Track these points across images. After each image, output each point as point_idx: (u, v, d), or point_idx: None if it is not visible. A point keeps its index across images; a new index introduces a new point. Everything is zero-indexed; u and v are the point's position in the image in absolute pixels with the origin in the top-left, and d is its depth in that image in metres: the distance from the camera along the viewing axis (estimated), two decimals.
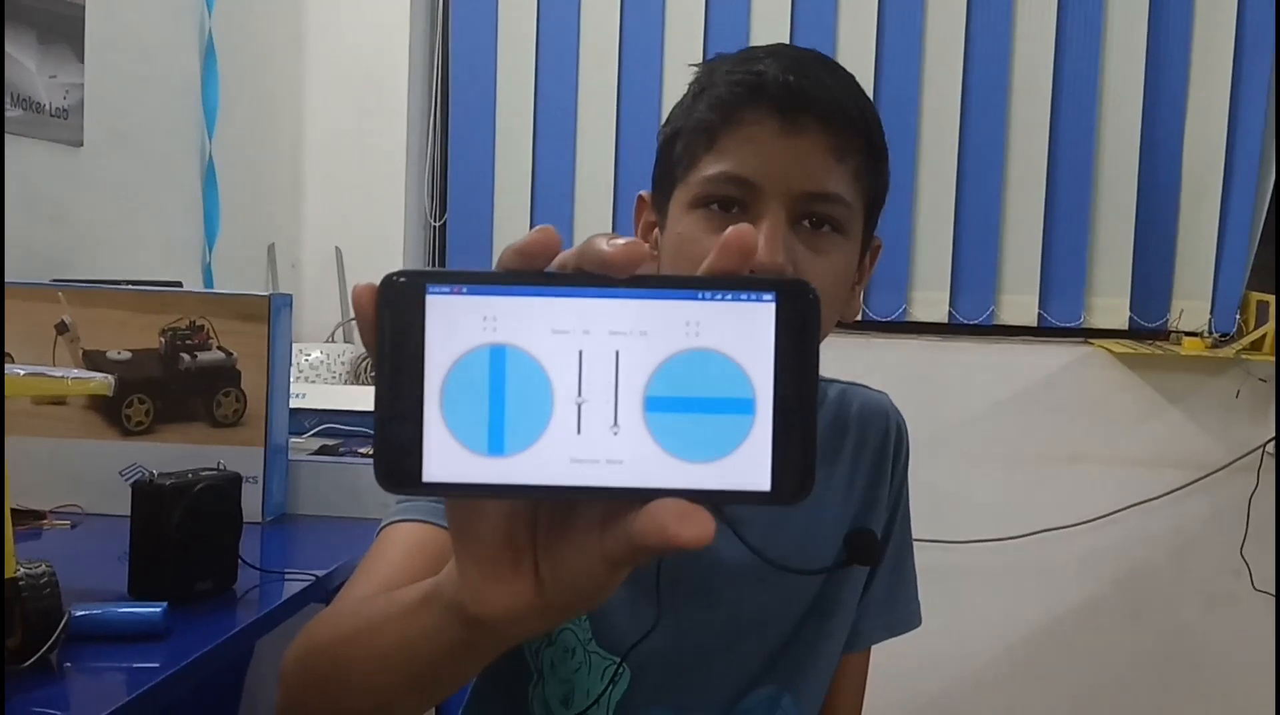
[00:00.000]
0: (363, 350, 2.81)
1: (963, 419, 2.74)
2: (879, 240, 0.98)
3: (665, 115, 0.95)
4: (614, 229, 2.88)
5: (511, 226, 2.93)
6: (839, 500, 1.02)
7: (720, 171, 0.86)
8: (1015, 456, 2.79)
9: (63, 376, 1.15)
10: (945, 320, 2.86)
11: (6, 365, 1.16)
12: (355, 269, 2.87)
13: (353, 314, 2.24)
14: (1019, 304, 2.85)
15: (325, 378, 2.62)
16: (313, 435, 2.12)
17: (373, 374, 0.42)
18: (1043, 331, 2.86)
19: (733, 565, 0.96)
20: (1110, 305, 2.84)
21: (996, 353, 2.82)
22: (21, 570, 0.96)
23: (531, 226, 2.96)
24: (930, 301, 2.86)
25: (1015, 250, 2.84)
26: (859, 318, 2.83)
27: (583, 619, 0.95)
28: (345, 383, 2.68)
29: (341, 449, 1.98)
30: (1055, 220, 2.83)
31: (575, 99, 2.88)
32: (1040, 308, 2.84)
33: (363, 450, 1.96)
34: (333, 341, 2.84)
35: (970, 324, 2.86)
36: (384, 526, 0.86)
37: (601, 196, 2.89)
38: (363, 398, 2.37)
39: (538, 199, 2.93)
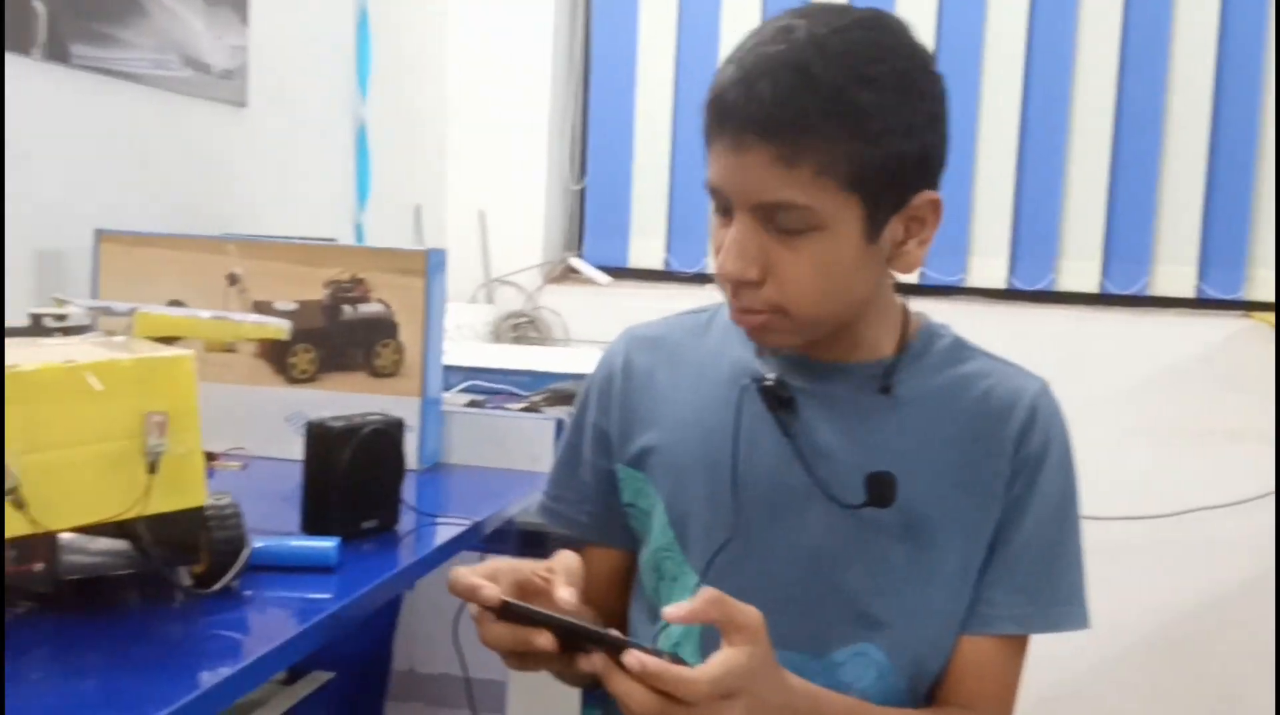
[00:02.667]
0: (504, 311, 2.86)
1: (1114, 392, 2.65)
2: (927, 197, 0.97)
3: None
4: None
5: (649, 190, 2.93)
6: (929, 466, 1.02)
7: (708, 180, 0.99)
8: (1168, 432, 2.69)
9: (243, 321, 1.20)
10: (1097, 290, 2.77)
11: (189, 310, 1.21)
12: (498, 231, 2.92)
13: (492, 275, 2.24)
14: (1176, 274, 2.74)
15: (468, 337, 2.68)
16: (459, 391, 2.17)
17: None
18: (1200, 303, 2.75)
19: (798, 491, 1.02)
20: (1273, 277, 2.71)
21: (1150, 324, 2.72)
22: (209, 500, 1.01)
23: (671, 192, 2.95)
24: (1080, 271, 2.77)
25: (1171, 219, 2.73)
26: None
27: (673, 542, 1.06)
28: (487, 342, 2.73)
29: (488, 405, 2.02)
30: (1215, 188, 2.71)
31: (714, 68, 2.86)
32: (1199, 279, 2.73)
33: (509, 406, 1.99)
34: (474, 302, 2.89)
35: (1123, 295, 2.77)
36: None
37: None
38: (504, 356, 2.41)
39: (676, 164, 2.92)
